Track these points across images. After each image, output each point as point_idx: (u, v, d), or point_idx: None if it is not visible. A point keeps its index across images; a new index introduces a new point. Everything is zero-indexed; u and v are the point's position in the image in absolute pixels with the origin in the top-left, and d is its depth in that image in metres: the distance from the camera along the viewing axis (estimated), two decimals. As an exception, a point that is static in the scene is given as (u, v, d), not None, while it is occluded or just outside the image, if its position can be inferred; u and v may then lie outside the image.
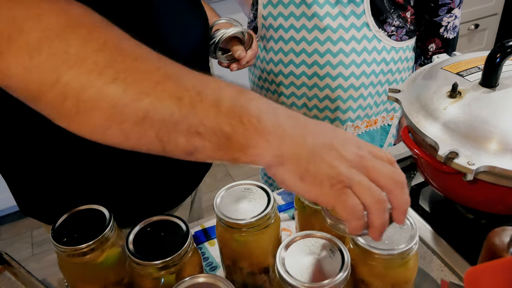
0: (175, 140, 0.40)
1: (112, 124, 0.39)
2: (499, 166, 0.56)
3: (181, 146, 0.40)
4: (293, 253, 0.52)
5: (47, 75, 0.38)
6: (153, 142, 0.40)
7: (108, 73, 0.38)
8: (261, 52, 1.10)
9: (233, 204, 0.59)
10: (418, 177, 0.84)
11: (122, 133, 0.39)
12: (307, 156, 0.41)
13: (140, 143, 0.40)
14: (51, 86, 0.38)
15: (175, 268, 0.54)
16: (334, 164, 0.41)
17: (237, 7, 1.29)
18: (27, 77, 0.38)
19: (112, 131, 0.39)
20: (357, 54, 1.01)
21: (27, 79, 0.38)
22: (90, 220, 0.59)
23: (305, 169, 0.41)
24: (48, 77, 0.38)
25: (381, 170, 0.42)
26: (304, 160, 0.41)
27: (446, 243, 0.70)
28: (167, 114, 0.39)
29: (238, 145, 0.40)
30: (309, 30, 1.00)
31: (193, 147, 0.40)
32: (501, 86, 0.63)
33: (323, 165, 0.41)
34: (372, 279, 0.54)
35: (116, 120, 0.39)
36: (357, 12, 0.98)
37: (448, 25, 1.06)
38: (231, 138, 0.40)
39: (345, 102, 1.05)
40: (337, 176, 0.41)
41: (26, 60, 0.38)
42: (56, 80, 0.38)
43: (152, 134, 0.39)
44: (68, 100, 0.38)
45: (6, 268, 0.65)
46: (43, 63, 0.38)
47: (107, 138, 0.40)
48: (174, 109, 0.39)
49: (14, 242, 2.06)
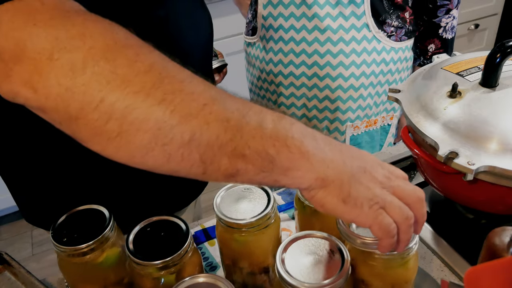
0: (218, 163, 0.39)
1: (155, 146, 0.38)
2: (499, 166, 0.56)
3: (223, 169, 0.40)
4: (293, 253, 0.52)
5: (91, 95, 0.36)
6: (195, 165, 0.39)
7: (155, 95, 0.37)
8: (260, 53, 1.10)
9: (233, 204, 0.59)
10: (418, 177, 0.84)
11: (164, 155, 0.38)
12: (348, 180, 0.43)
13: (181, 165, 0.39)
14: (95, 107, 0.36)
15: (175, 268, 0.54)
16: (370, 187, 0.44)
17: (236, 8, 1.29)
18: (68, 97, 0.36)
19: (154, 153, 0.38)
20: (357, 54, 1.01)
21: (68, 99, 0.36)
22: (90, 220, 0.59)
23: (347, 193, 0.43)
24: (92, 97, 0.36)
25: (405, 188, 0.46)
26: (346, 183, 0.43)
27: (446, 243, 0.70)
28: (213, 136, 0.38)
29: (281, 167, 0.41)
30: (309, 30, 1.00)
31: (235, 169, 0.40)
32: (501, 86, 0.63)
33: (362, 188, 0.44)
34: (372, 279, 0.54)
35: (160, 142, 0.37)
36: (358, 13, 0.98)
37: (447, 26, 1.07)
38: (274, 160, 0.40)
39: (345, 103, 1.05)
40: (374, 198, 0.44)
41: (69, 80, 0.36)
42: (100, 101, 0.36)
43: (196, 156, 0.38)
44: (111, 122, 0.37)
45: (6, 268, 0.65)
46: (87, 83, 0.36)
47: (146, 161, 0.39)
48: (221, 131, 0.38)
49: (14, 242, 2.06)
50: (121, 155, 0.39)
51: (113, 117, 0.36)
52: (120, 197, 0.75)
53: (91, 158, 0.70)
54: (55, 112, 0.37)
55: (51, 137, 0.67)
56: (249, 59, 1.17)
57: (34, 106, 0.38)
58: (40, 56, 0.36)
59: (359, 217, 0.44)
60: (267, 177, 0.41)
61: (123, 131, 0.37)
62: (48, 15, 0.37)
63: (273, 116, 0.42)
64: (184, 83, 0.39)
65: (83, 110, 0.36)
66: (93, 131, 0.37)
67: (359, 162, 0.45)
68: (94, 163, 0.71)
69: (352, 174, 0.44)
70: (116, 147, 0.38)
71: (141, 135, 0.37)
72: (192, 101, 0.38)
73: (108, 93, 0.36)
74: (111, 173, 0.73)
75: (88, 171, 0.72)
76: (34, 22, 0.37)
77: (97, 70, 0.36)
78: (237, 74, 1.46)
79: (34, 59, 0.36)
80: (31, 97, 0.37)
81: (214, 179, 0.41)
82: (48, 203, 0.75)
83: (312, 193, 0.43)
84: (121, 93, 0.36)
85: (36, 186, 0.74)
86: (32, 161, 0.71)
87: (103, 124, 0.37)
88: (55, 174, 0.72)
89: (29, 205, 0.79)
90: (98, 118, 0.37)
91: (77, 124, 0.38)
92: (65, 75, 0.36)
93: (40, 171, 0.72)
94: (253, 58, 1.14)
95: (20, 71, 0.36)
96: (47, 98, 0.37)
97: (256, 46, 1.11)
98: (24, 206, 0.80)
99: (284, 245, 0.53)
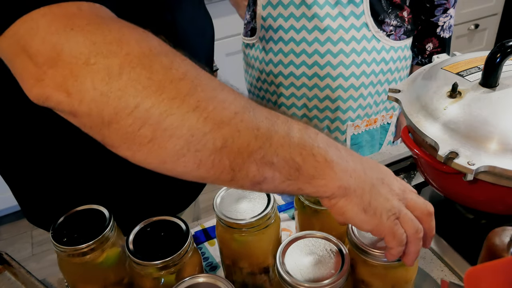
0: (246, 170, 0.40)
1: (187, 152, 0.38)
2: (499, 166, 0.56)
3: (251, 176, 0.40)
4: (293, 253, 0.52)
5: (126, 100, 0.36)
6: (224, 172, 0.39)
7: (189, 102, 0.37)
8: (260, 53, 1.10)
9: (233, 204, 0.59)
10: (418, 177, 0.84)
11: (195, 162, 0.38)
12: (369, 190, 0.45)
13: (211, 172, 0.39)
14: (129, 112, 0.36)
15: (175, 268, 0.54)
16: (389, 198, 0.46)
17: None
18: (103, 102, 0.36)
19: (185, 159, 0.38)
20: (357, 54, 1.01)
21: (103, 104, 0.36)
22: (90, 220, 0.59)
23: (368, 202, 0.45)
24: (127, 102, 0.36)
25: (417, 202, 0.48)
26: (367, 193, 0.45)
27: (446, 243, 0.70)
28: (244, 144, 0.39)
29: (307, 176, 0.42)
30: (309, 31, 1.00)
31: (263, 177, 0.41)
32: (501, 86, 0.63)
33: (381, 199, 0.45)
34: (372, 279, 0.54)
35: (193, 149, 0.38)
36: (357, 13, 0.98)
37: (444, 25, 1.08)
38: (301, 168, 0.41)
39: (346, 102, 1.05)
40: (392, 209, 0.46)
41: (105, 84, 0.36)
42: (135, 106, 0.36)
43: (226, 163, 0.39)
44: (145, 127, 0.37)
45: (6, 268, 0.65)
46: (123, 88, 0.36)
47: (176, 167, 0.39)
48: (251, 139, 0.39)
49: (14, 242, 2.06)
50: (152, 160, 0.39)
51: (148, 122, 0.37)
52: (120, 198, 0.75)
53: (92, 159, 0.71)
54: (87, 116, 0.37)
55: (54, 137, 0.67)
56: (248, 60, 1.17)
57: (65, 110, 0.38)
58: (77, 60, 0.36)
59: (377, 226, 0.45)
60: (292, 185, 0.42)
61: (156, 137, 0.37)
62: (85, 21, 0.37)
63: (299, 126, 0.43)
64: (216, 91, 0.39)
65: (117, 115, 0.36)
66: (125, 137, 0.37)
67: (377, 174, 0.47)
68: (95, 164, 0.71)
69: (373, 184, 0.45)
70: (147, 153, 0.38)
71: (174, 141, 0.37)
72: (224, 109, 0.39)
73: (144, 99, 0.36)
74: (112, 173, 0.73)
75: (89, 172, 0.72)
76: (71, 26, 0.37)
77: (133, 76, 0.36)
78: (236, 74, 1.46)
79: (70, 63, 0.36)
80: (64, 101, 0.37)
81: (239, 186, 0.41)
82: (50, 203, 0.76)
83: (333, 201, 0.44)
84: (157, 99, 0.36)
85: (38, 186, 0.74)
86: (34, 161, 0.71)
87: (137, 130, 0.37)
88: (57, 174, 0.72)
89: (31, 205, 0.79)
90: (131, 124, 0.37)
91: (109, 129, 0.37)
92: (101, 79, 0.36)
93: (42, 171, 0.72)
94: (252, 59, 1.14)
95: (55, 75, 0.36)
96: (80, 102, 0.36)
97: (255, 47, 1.11)
98: (26, 206, 0.80)
99: (284, 245, 0.53)
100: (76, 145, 0.69)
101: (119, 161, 0.71)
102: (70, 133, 0.67)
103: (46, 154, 0.70)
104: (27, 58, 0.37)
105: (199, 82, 0.39)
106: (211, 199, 0.61)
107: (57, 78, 0.36)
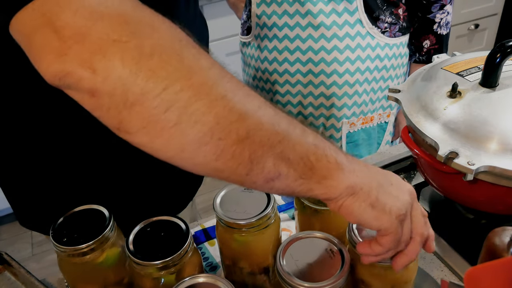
0: (263, 164, 0.40)
1: (210, 140, 0.37)
2: (499, 166, 0.56)
3: (266, 171, 0.40)
4: (293, 253, 0.52)
5: (155, 82, 0.35)
6: (242, 164, 0.39)
7: (218, 90, 0.37)
8: (255, 51, 1.10)
9: (233, 204, 0.59)
10: (418, 177, 0.84)
11: (216, 151, 0.38)
12: (376, 187, 0.45)
13: (229, 163, 0.39)
14: (157, 94, 0.35)
15: (175, 268, 0.54)
16: (399, 197, 0.47)
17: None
18: (131, 81, 0.35)
19: (206, 148, 0.37)
20: (351, 50, 1.01)
21: (130, 83, 0.35)
22: (90, 220, 0.59)
23: (376, 198, 0.45)
24: (155, 84, 0.35)
25: (417, 208, 0.50)
26: (375, 190, 0.45)
27: (446, 243, 0.70)
28: (266, 137, 0.39)
29: (319, 175, 0.42)
30: (303, 28, 1.00)
31: (278, 173, 0.41)
32: (501, 86, 0.63)
33: (390, 196, 0.46)
34: (372, 279, 0.54)
35: (216, 136, 0.37)
36: (350, 9, 0.98)
37: (441, 22, 1.08)
38: (314, 167, 0.42)
39: (340, 99, 1.05)
40: (401, 207, 0.46)
41: (135, 63, 0.35)
42: (164, 88, 0.35)
43: (246, 155, 0.39)
44: (171, 111, 0.36)
45: (6, 268, 0.65)
46: (154, 68, 0.35)
47: (195, 156, 0.38)
48: (272, 133, 0.39)
49: (14, 242, 2.06)
50: (170, 148, 0.38)
51: (175, 105, 0.36)
52: (120, 198, 0.75)
53: (91, 159, 0.71)
54: (108, 96, 0.36)
55: (53, 137, 0.67)
56: (245, 59, 1.17)
57: (85, 88, 0.36)
58: (108, 37, 0.35)
59: (386, 223, 0.45)
60: (303, 184, 0.42)
61: (181, 122, 0.36)
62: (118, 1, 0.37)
63: (312, 129, 0.44)
64: (240, 85, 0.40)
65: (144, 96, 0.35)
66: (148, 120, 0.36)
67: (385, 178, 0.48)
68: (94, 164, 0.71)
69: (380, 183, 0.46)
70: (167, 139, 0.37)
71: (198, 127, 0.37)
72: (248, 102, 0.39)
73: (174, 82, 0.36)
74: (111, 173, 0.73)
75: (87, 172, 0.72)
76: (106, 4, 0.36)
77: (165, 58, 0.36)
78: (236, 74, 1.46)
79: (101, 39, 0.35)
80: (86, 77, 0.35)
81: (252, 182, 0.41)
82: (46, 206, 0.75)
83: (339, 202, 0.44)
84: (186, 83, 0.36)
85: (34, 188, 0.74)
86: (30, 162, 0.71)
87: (162, 112, 0.36)
88: (54, 176, 0.72)
89: (26, 208, 0.78)
90: (157, 106, 0.35)
91: (130, 111, 0.36)
92: (132, 58, 0.35)
93: (39, 172, 0.72)
94: (248, 58, 1.14)
95: (81, 50, 0.35)
96: (105, 79, 0.35)
97: (251, 45, 1.11)
98: (20, 210, 0.79)
99: (284, 245, 0.53)
100: (74, 145, 0.68)
101: (119, 161, 0.72)
102: (69, 133, 0.67)
103: (43, 154, 0.69)
104: (51, 31, 0.35)
105: (225, 74, 0.39)
106: (211, 199, 0.61)
107: (83, 53, 0.35)
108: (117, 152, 0.70)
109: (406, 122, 0.69)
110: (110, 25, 0.35)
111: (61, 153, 0.69)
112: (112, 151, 0.70)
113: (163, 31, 0.38)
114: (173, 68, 0.36)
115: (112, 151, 0.70)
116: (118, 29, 0.35)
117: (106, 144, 0.69)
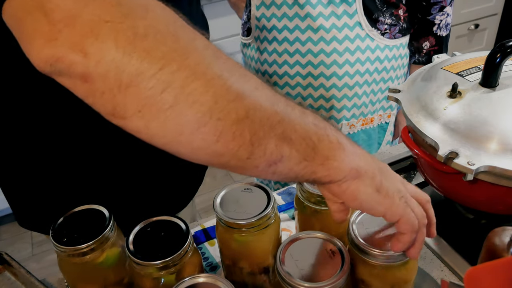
0: (265, 146, 0.38)
1: (209, 120, 0.36)
2: (499, 166, 0.56)
3: (269, 153, 0.39)
4: (293, 253, 0.52)
5: (150, 62, 0.34)
6: (243, 146, 0.38)
7: (214, 69, 0.37)
8: (255, 53, 1.10)
9: (233, 204, 0.59)
10: (418, 177, 0.84)
11: (215, 132, 0.36)
12: (379, 172, 0.45)
13: (229, 146, 0.37)
14: (152, 75, 0.34)
15: (175, 268, 0.54)
16: (396, 182, 0.47)
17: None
18: (125, 62, 0.34)
19: (205, 129, 0.36)
20: (350, 53, 1.01)
21: (124, 65, 0.34)
22: (90, 220, 0.59)
23: (380, 182, 0.45)
24: (150, 64, 0.34)
25: (416, 191, 0.50)
26: (378, 174, 0.45)
27: (446, 243, 0.70)
28: (265, 116, 0.38)
29: (321, 156, 0.41)
30: (302, 30, 1.00)
31: (280, 155, 0.39)
32: (501, 86, 0.63)
33: (393, 181, 0.46)
34: (371, 279, 0.54)
35: (215, 116, 0.36)
36: (350, 12, 0.98)
37: (441, 23, 1.08)
38: (316, 148, 0.41)
39: (340, 101, 1.05)
40: (403, 191, 0.47)
41: (129, 44, 0.34)
42: (159, 68, 0.34)
43: (247, 136, 0.37)
44: (168, 91, 0.35)
45: (6, 268, 0.65)
46: (149, 49, 0.34)
47: (194, 139, 0.37)
48: (272, 113, 0.39)
49: (14, 242, 2.06)
50: (168, 131, 0.36)
51: (172, 86, 0.35)
52: (120, 198, 0.75)
53: (90, 159, 0.71)
54: (102, 80, 0.34)
55: (52, 137, 0.67)
56: (245, 60, 1.17)
57: (78, 72, 0.35)
58: (100, 19, 0.34)
59: (391, 207, 0.45)
60: (308, 166, 0.41)
61: (178, 102, 0.35)
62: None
63: (311, 110, 0.43)
64: (236, 66, 0.39)
65: (139, 76, 0.34)
66: (143, 102, 0.35)
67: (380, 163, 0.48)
68: (93, 164, 0.71)
69: (380, 168, 0.46)
70: (163, 121, 0.36)
71: (197, 107, 0.35)
72: (245, 82, 0.38)
73: (170, 61, 0.35)
74: (110, 173, 0.73)
75: (87, 173, 0.72)
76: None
77: (160, 38, 0.35)
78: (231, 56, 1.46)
79: (92, 21, 0.34)
80: (78, 61, 0.34)
81: (254, 166, 0.39)
82: (46, 206, 0.75)
83: (344, 186, 0.44)
84: (183, 63, 0.35)
85: (34, 188, 0.74)
86: (29, 163, 0.71)
87: (158, 93, 0.35)
88: (54, 176, 0.72)
89: (25, 209, 0.78)
90: (153, 86, 0.34)
91: (125, 94, 0.35)
92: (126, 39, 0.34)
93: (38, 172, 0.72)
94: (248, 59, 1.15)
95: (71, 33, 0.34)
96: (98, 62, 0.34)
97: (251, 47, 1.11)
98: (19, 210, 0.79)
99: (284, 245, 0.53)
100: (74, 145, 0.68)
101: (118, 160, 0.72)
102: (69, 132, 0.67)
103: (42, 154, 0.69)
104: (42, 15, 0.34)
105: (220, 55, 0.39)
106: (211, 199, 0.61)
107: (74, 37, 0.34)
108: (117, 152, 0.71)
109: (406, 122, 0.69)
110: (102, 6, 0.34)
111: (60, 152, 0.69)
112: (112, 151, 0.70)
113: (157, 12, 0.37)
114: (168, 48, 0.35)
115: (112, 151, 0.70)
116: (111, 10, 0.34)
117: (106, 144, 0.69)
